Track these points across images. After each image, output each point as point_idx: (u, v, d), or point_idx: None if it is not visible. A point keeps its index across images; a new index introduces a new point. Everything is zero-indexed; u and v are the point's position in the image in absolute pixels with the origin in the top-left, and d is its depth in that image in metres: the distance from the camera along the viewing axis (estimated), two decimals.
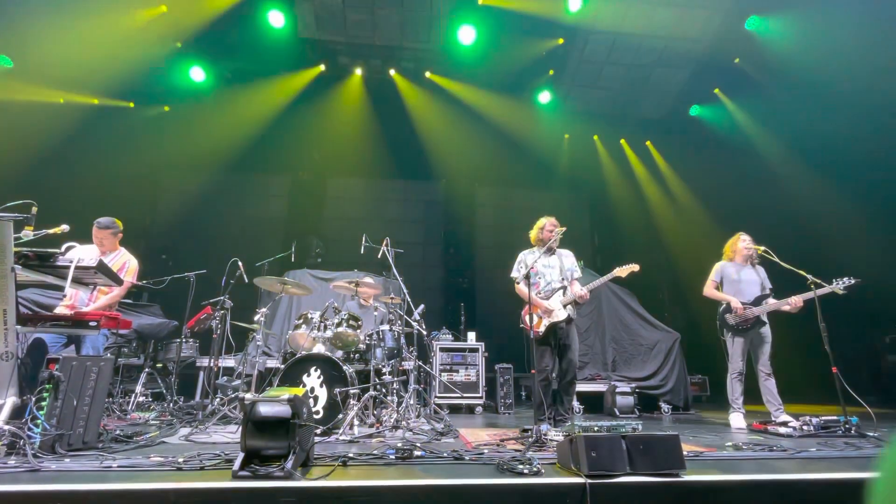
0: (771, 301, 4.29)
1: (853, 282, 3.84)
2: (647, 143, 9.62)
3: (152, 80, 8.11)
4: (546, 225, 4.07)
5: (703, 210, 8.75)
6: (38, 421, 2.36)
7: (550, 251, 4.04)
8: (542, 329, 3.86)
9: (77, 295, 3.70)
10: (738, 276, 4.51)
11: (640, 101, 9.07)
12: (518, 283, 4.03)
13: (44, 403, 2.41)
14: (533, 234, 4.15)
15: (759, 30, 7.18)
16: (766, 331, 4.31)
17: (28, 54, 6.93)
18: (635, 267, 3.82)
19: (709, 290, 4.65)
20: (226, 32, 7.72)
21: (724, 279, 4.59)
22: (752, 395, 4.31)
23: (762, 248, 4.38)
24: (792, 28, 6.84)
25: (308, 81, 8.60)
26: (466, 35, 7.65)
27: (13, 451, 2.27)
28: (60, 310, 3.64)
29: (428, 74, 8.63)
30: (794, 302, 4.09)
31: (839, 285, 3.85)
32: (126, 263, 3.92)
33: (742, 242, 4.57)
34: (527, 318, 3.95)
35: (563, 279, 3.97)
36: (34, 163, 7.11)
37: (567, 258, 4.10)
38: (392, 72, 8.63)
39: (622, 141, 9.82)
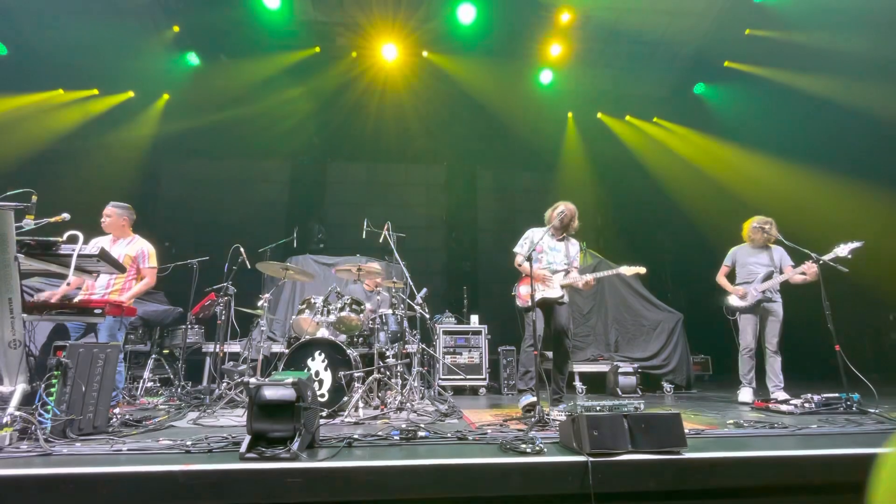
0: (784, 273, 4.25)
1: (857, 245, 3.78)
2: (655, 118, 9.40)
3: (151, 66, 8.03)
4: (567, 212, 3.95)
5: (707, 189, 8.64)
6: (49, 407, 2.40)
7: (562, 237, 4.05)
8: (530, 301, 3.85)
9: (93, 285, 3.70)
10: (749, 260, 4.47)
11: (644, 79, 8.89)
12: (519, 258, 4.02)
13: (53, 390, 2.45)
14: (549, 214, 4.04)
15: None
16: (775, 307, 4.29)
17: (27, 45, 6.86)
18: (642, 269, 3.87)
19: (719, 276, 4.65)
20: (221, 15, 7.59)
21: (736, 263, 4.57)
22: (764, 373, 4.32)
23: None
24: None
25: (306, 65, 8.46)
26: (466, 14, 7.48)
27: (25, 436, 2.31)
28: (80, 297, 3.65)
29: (427, 55, 8.46)
30: (807, 269, 4.01)
31: (844, 250, 3.79)
32: (144, 250, 3.89)
33: (754, 226, 4.45)
34: (521, 289, 3.95)
35: (566, 263, 4.00)
36: (33, 153, 7.10)
37: (573, 246, 4.10)
38: (391, 53, 8.48)
39: (627, 117, 9.61)
